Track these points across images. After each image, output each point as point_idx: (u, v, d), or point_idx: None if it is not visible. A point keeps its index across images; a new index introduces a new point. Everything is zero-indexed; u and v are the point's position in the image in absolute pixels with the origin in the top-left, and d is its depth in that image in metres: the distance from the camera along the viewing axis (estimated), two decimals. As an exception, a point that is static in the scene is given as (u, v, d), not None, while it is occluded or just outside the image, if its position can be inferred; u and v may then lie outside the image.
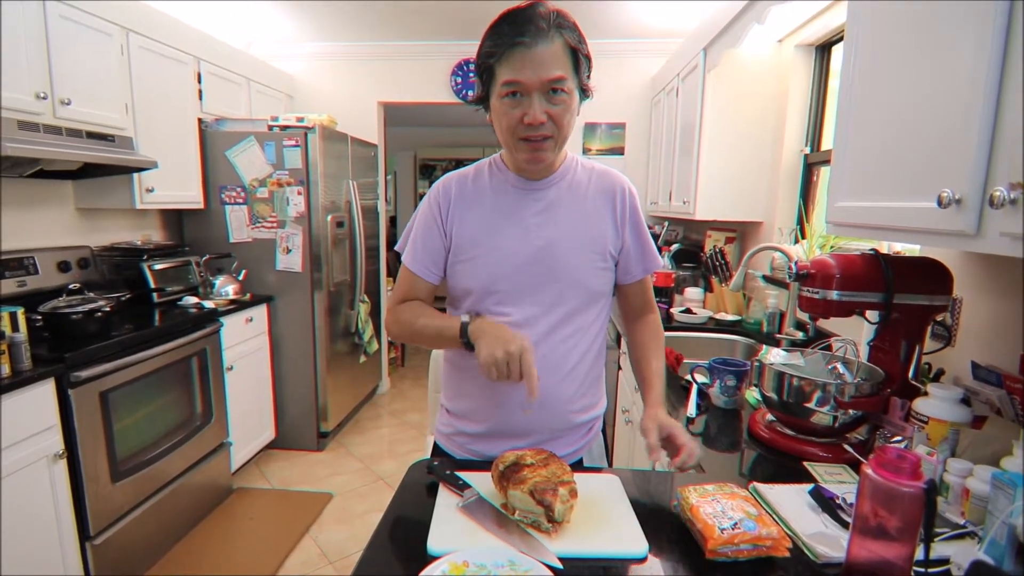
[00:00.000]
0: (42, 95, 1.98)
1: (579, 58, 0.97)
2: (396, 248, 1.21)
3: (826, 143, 2.32)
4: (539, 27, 0.92)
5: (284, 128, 3.00)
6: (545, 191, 1.08)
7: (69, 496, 1.82)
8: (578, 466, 1.13)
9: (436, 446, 1.23)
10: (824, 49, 2.34)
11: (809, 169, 2.41)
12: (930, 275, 1.16)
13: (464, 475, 0.96)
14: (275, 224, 3.07)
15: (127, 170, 2.41)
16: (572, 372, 1.09)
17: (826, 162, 2.19)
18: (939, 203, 0.78)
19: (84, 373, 1.84)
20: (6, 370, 1.62)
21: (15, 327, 1.68)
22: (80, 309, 1.99)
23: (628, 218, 1.12)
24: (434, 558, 0.75)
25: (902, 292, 1.13)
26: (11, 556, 1.63)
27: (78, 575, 1.86)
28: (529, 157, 1.01)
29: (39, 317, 1.96)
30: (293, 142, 2.97)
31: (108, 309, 2.06)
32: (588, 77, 1.01)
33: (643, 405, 1.10)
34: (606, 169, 1.15)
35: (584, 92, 1.01)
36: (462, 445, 1.15)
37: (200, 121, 2.95)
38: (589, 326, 1.11)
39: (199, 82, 2.92)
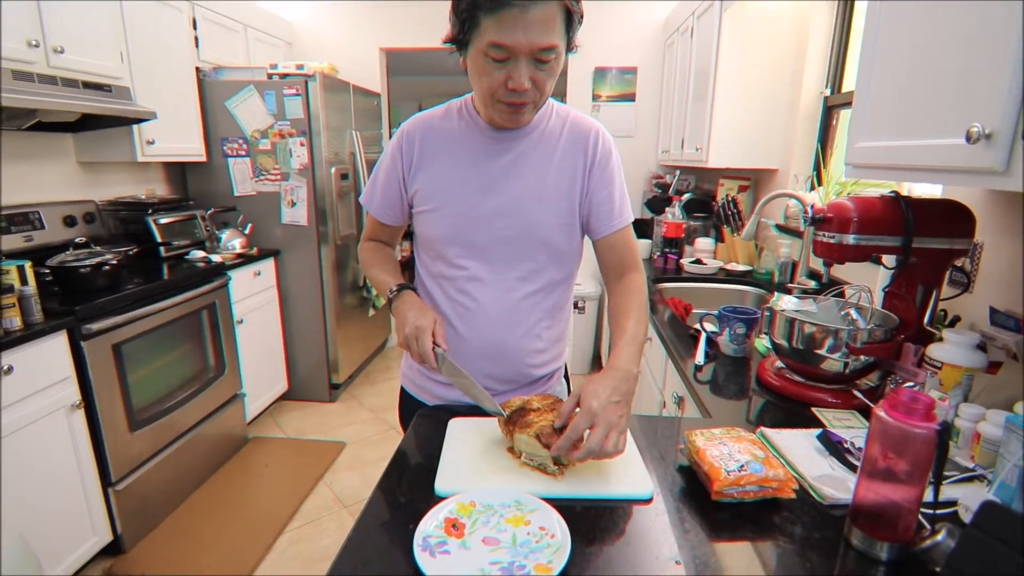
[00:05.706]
0: (34, 43, 1.92)
1: (572, 17, 0.89)
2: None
3: (847, 84, 2.22)
4: None
5: (284, 76, 2.92)
6: (516, 141, 1.04)
7: (89, 444, 1.88)
8: None
9: (404, 392, 1.22)
10: (849, -18, 2.21)
11: (828, 113, 2.31)
12: (952, 217, 1.12)
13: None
14: (279, 176, 3.03)
15: (126, 121, 2.37)
16: (534, 328, 1.09)
17: (847, 104, 2.10)
18: (968, 139, 0.74)
19: (95, 326, 1.86)
20: (17, 323, 1.64)
21: (24, 280, 1.69)
22: (88, 262, 1.99)
23: (598, 165, 1.05)
24: (441, 499, 0.76)
25: (921, 235, 1.09)
26: (38, 500, 1.70)
27: (102, 517, 1.94)
28: (507, 120, 0.98)
29: (47, 271, 1.96)
30: (294, 91, 2.89)
31: (115, 262, 2.06)
32: (576, 33, 0.93)
33: None
34: (581, 116, 1.09)
35: (569, 48, 0.94)
36: (431, 392, 1.16)
37: (198, 70, 2.87)
38: (554, 284, 1.09)
39: (195, 28, 2.82)
